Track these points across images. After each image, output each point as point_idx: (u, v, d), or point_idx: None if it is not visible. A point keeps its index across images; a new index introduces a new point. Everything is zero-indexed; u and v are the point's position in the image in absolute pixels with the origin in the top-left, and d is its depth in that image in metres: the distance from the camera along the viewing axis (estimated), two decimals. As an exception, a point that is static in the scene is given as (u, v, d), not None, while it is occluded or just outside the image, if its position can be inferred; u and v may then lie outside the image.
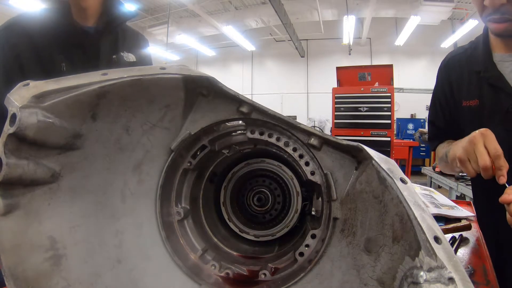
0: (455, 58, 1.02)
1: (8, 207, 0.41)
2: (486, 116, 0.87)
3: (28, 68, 0.89)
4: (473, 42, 1.00)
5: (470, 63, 0.95)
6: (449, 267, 0.31)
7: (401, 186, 0.40)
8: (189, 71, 0.50)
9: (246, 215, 0.80)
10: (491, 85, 0.87)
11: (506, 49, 0.87)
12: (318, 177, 0.54)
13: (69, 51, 0.93)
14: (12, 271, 0.41)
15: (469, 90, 0.93)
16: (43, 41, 0.90)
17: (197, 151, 0.62)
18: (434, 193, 1.70)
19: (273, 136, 0.57)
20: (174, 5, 8.29)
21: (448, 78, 1.01)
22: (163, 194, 0.60)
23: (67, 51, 0.93)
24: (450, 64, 1.03)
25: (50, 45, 0.90)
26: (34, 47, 0.89)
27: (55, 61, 0.91)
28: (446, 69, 1.04)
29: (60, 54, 0.91)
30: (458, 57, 1.02)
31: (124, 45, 1.04)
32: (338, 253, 0.49)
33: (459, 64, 0.99)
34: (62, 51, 0.92)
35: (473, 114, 0.91)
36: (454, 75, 0.99)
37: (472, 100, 0.92)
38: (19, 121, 0.38)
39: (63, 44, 0.92)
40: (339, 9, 8.00)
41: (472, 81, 0.93)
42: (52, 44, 0.90)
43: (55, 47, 0.91)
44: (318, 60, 11.21)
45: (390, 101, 5.33)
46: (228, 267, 0.61)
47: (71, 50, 0.93)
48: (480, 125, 0.74)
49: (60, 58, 0.91)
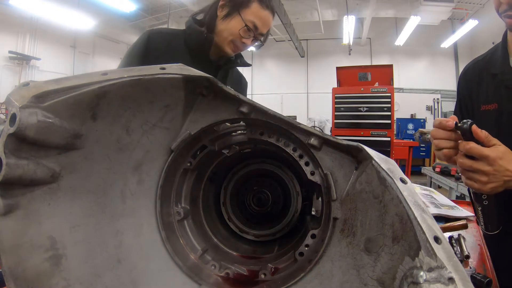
0: (474, 66, 1.03)
1: (8, 207, 0.41)
2: (505, 119, 0.88)
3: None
4: (492, 48, 1.01)
5: (488, 68, 0.96)
6: (449, 267, 0.31)
7: (401, 186, 0.40)
8: (189, 71, 0.50)
9: (246, 215, 0.80)
10: (509, 88, 0.88)
11: None
12: (318, 177, 0.54)
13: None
14: (12, 271, 0.41)
15: (488, 95, 0.94)
16: (180, 57, 1.12)
17: (197, 151, 0.62)
18: (434, 193, 1.70)
19: (273, 136, 0.57)
20: (174, 5, 8.30)
21: (468, 85, 1.03)
22: (163, 194, 0.60)
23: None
24: (469, 72, 1.04)
25: (183, 62, 1.00)
26: (171, 58, 1.10)
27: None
28: (465, 77, 1.05)
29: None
30: (477, 64, 1.03)
31: (230, 81, 1.30)
32: (338, 253, 0.49)
33: (479, 70, 1.00)
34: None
35: (492, 118, 0.91)
36: (473, 81, 1.00)
37: (491, 104, 0.92)
38: (19, 121, 0.38)
39: (193, 66, 1.05)
40: (339, 9, 8.01)
41: (490, 85, 0.94)
42: (184, 63, 1.03)
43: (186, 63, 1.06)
44: (318, 60, 11.21)
45: (390, 101, 5.33)
46: (228, 267, 0.61)
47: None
48: (499, 129, 0.75)
49: None
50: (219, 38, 1.13)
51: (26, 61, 8.06)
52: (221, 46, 1.14)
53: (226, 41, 1.12)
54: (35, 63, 8.34)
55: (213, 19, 1.14)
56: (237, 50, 1.17)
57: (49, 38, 8.51)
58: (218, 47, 1.16)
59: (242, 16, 1.09)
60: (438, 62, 9.99)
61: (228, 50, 1.15)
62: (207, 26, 1.14)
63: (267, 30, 1.16)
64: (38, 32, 8.22)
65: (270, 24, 1.16)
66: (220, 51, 1.17)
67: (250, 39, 1.13)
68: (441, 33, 8.99)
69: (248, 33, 1.11)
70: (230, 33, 1.11)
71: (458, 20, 8.17)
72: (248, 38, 1.12)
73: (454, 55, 9.87)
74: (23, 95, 0.39)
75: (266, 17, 1.12)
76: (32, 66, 8.28)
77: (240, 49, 1.17)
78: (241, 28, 1.09)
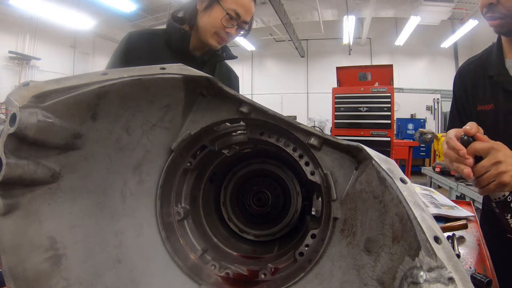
0: (470, 65, 1.05)
1: (8, 207, 0.41)
2: (502, 120, 0.89)
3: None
4: (487, 49, 1.03)
5: (484, 69, 0.97)
6: (449, 267, 0.31)
7: (401, 186, 0.40)
8: (189, 71, 0.50)
9: (246, 215, 0.80)
10: (505, 90, 0.89)
11: None
12: (318, 177, 0.53)
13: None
14: (12, 271, 0.41)
15: (484, 95, 0.95)
16: (161, 55, 1.12)
17: (197, 151, 0.62)
18: (434, 193, 1.70)
19: (273, 136, 0.57)
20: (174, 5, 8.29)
21: (464, 85, 1.04)
22: (163, 194, 0.60)
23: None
24: (465, 71, 1.06)
25: (165, 60, 0.98)
26: (152, 57, 1.10)
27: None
28: (461, 76, 1.06)
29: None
30: (472, 64, 1.04)
31: (219, 76, 1.23)
32: (338, 253, 0.49)
33: (474, 70, 1.01)
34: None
35: (488, 118, 0.93)
36: (469, 81, 1.02)
37: (488, 105, 0.93)
38: (19, 121, 0.38)
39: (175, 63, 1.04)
40: (339, 9, 8.01)
41: (486, 86, 0.95)
42: (166, 60, 1.01)
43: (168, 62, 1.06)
44: (318, 60, 11.21)
45: (390, 101, 5.33)
46: (228, 267, 0.61)
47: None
48: (496, 129, 0.77)
49: None
50: (202, 32, 1.11)
51: (26, 61, 8.06)
52: (205, 39, 1.12)
53: (210, 33, 1.10)
54: (35, 63, 8.34)
55: (194, 14, 1.12)
56: (222, 41, 1.14)
57: (49, 38, 8.51)
58: (202, 42, 1.13)
59: (223, 5, 1.07)
60: (438, 62, 9.98)
61: (212, 42, 1.12)
62: (188, 22, 1.13)
63: (250, 17, 1.13)
64: (38, 32, 8.22)
65: (252, 11, 1.13)
66: (205, 45, 1.15)
67: (233, 28, 1.11)
68: (441, 33, 8.99)
69: (231, 21, 1.09)
70: (213, 25, 1.09)
71: (458, 20, 8.16)
72: (231, 27, 1.10)
73: (454, 55, 9.86)
74: (23, 95, 0.39)
75: (247, 4, 1.10)
76: (32, 66, 8.28)
77: (225, 39, 1.14)
78: (223, 18, 1.07)
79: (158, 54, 1.12)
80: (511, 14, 0.80)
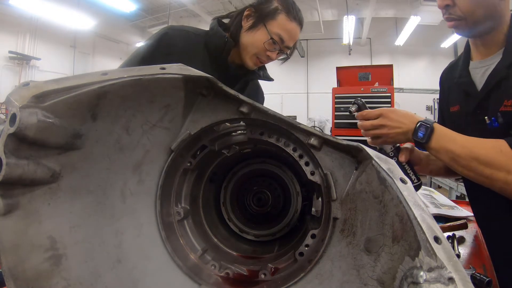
0: (450, 68, 1.08)
1: (8, 207, 0.41)
2: (464, 121, 0.93)
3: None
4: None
5: (453, 71, 1.03)
6: (449, 267, 0.30)
7: (401, 186, 0.40)
8: (189, 71, 0.50)
9: (246, 215, 0.80)
10: (466, 92, 0.94)
11: (479, 56, 0.93)
12: (318, 177, 0.53)
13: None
14: (12, 271, 0.41)
15: (454, 97, 1.00)
16: (197, 56, 1.08)
17: (197, 151, 0.62)
18: (434, 193, 1.70)
19: (273, 136, 0.57)
20: (174, 5, 8.29)
21: (443, 87, 1.09)
22: (163, 194, 0.60)
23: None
24: (444, 74, 1.11)
25: (199, 63, 0.95)
26: (187, 55, 1.05)
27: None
28: (441, 79, 1.11)
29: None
30: (451, 66, 1.08)
31: (247, 93, 1.25)
32: (338, 253, 0.49)
33: (451, 72, 1.05)
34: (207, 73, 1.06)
35: (456, 118, 0.97)
36: (446, 83, 1.07)
37: (455, 106, 0.98)
38: (19, 121, 0.38)
39: (210, 69, 1.01)
40: (339, 9, 8.01)
41: (454, 88, 1.00)
42: (200, 63, 1.01)
43: (201, 67, 1.03)
44: (318, 60, 11.20)
45: (390, 101, 5.34)
46: (228, 267, 0.61)
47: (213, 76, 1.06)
48: (460, 129, 0.82)
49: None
50: (242, 50, 1.08)
51: (26, 61, 8.06)
52: (243, 57, 1.10)
53: (250, 54, 1.08)
54: (35, 63, 8.33)
55: (238, 30, 1.09)
56: (259, 64, 1.12)
57: (49, 38, 8.51)
58: (239, 57, 1.11)
59: (268, 28, 1.03)
60: (438, 62, 9.97)
61: (250, 63, 1.10)
62: (232, 35, 1.09)
63: (293, 43, 1.10)
64: (38, 32, 8.22)
65: (297, 37, 1.10)
66: (240, 61, 1.12)
67: (275, 52, 1.08)
68: (441, 33, 8.98)
69: (274, 46, 1.05)
70: (255, 46, 1.06)
71: (458, 20, 8.15)
72: (273, 51, 1.07)
73: (454, 55, 9.85)
74: (23, 95, 0.39)
75: (293, 30, 1.06)
76: (32, 66, 8.28)
77: (264, 62, 1.12)
78: (266, 41, 1.04)
79: (194, 54, 1.08)
80: (466, 16, 0.82)
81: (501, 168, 0.72)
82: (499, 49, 0.85)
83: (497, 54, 0.85)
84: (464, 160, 0.76)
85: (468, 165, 0.76)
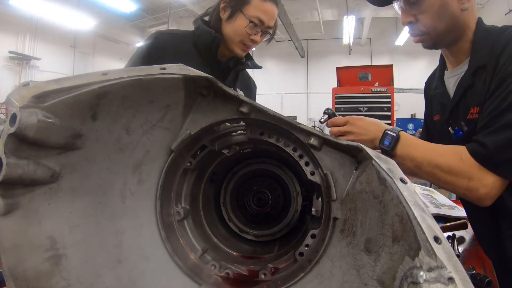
0: (431, 77, 1.10)
1: (8, 207, 0.41)
2: (442, 129, 0.95)
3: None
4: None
5: (433, 82, 1.05)
6: (449, 267, 0.30)
7: (401, 186, 0.40)
8: (189, 71, 0.50)
9: (246, 215, 0.81)
10: (441, 102, 0.96)
11: (450, 66, 0.95)
12: (318, 177, 0.53)
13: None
14: (12, 271, 0.41)
15: (435, 106, 1.02)
16: (188, 56, 1.10)
17: (197, 151, 0.62)
18: (434, 193, 1.70)
19: (273, 136, 0.57)
20: (174, 5, 8.30)
21: (426, 96, 1.12)
22: (163, 194, 0.60)
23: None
24: (427, 84, 1.13)
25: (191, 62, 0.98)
26: (178, 57, 1.09)
27: None
28: (425, 89, 1.14)
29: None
30: (432, 76, 1.10)
31: (240, 83, 1.29)
32: (338, 253, 0.49)
33: (430, 82, 1.08)
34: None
35: (439, 127, 0.99)
36: (428, 93, 1.08)
37: (436, 115, 1.01)
38: (19, 121, 0.38)
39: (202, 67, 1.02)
40: (339, 9, 8.02)
41: (433, 98, 1.03)
42: (192, 62, 1.00)
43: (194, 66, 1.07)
44: (318, 60, 11.21)
45: (390, 101, 5.34)
46: (228, 267, 0.61)
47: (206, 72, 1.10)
48: (442, 138, 0.85)
49: None
50: (227, 41, 1.12)
51: (26, 61, 8.07)
52: (230, 48, 1.13)
53: (235, 42, 1.11)
54: (35, 63, 8.34)
55: (218, 23, 1.13)
56: (247, 49, 1.15)
57: (49, 38, 8.51)
58: (227, 49, 1.14)
59: (245, 14, 1.07)
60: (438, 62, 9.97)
61: (238, 51, 1.13)
62: (214, 29, 1.13)
63: (273, 22, 1.13)
64: (38, 32, 8.23)
65: (276, 15, 1.13)
66: (229, 52, 1.16)
67: (258, 34, 1.11)
68: (441, 33, 8.98)
69: (255, 29, 1.09)
70: (238, 34, 1.09)
71: (458, 20, 8.15)
72: (256, 34, 1.10)
73: (454, 55, 9.84)
74: (23, 95, 0.39)
75: (270, 9, 1.10)
76: (32, 66, 8.29)
77: (250, 47, 1.15)
78: (247, 26, 1.07)
79: (185, 54, 1.11)
80: (429, 31, 0.85)
81: (463, 176, 0.73)
82: (467, 57, 0.86)
83: (465, 62, 0.87)
84: (427, 167, 0.77)
85: (431, 172, 0.77)
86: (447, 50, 0.92)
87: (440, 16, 0.82)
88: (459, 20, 0.83)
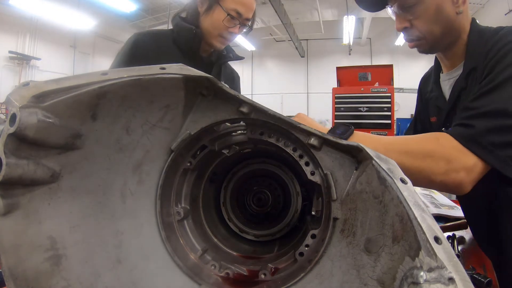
0: (426, 79, 1.09)
1: (8, 207, 0.41)
2: (438, 130, 0.94)
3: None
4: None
5: (428, 84, 1.04)
6: (449, 267, 0.30)
7: (401, 186, 0.40)
8: (189, 71, 0.50)
9: (246, 215, 0.81)
10: (437, 105, 0.96)
11: (446, 69, 0.94)
12: (318, 177, 0.53)
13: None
14: (12, 271, 0.41)
15: (431, 108, 1.01)
16: (169, 55, 1.11)
17: (197, 151, 0.62)
18: (434, 193, 1.70)
19: (273, 136, 0.57)
20: (174, 5, 8.30)
21: (421, 97, 1.10)
22: (163, 194, 0.60)
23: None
24: (421, 84, 1.12)
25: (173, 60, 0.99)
26: (160, 56, 1.09)
27: None
28: (419, 90, 1.12)
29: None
30: (426, 78, 1.09)
31: (224, 76, 1.31)
32: (338, 253, 0.49)
33: (425, 84, 1.07)
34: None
35: (436, 129, 0.98)
36: (423, 95, 1.07)
37: (433, 117, 1.00)
38: (19, 121, 0.38)
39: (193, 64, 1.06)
40: (339, 9, 8.01)
41: (429, 100, 1.02)
42: (175, 59, 1.04)
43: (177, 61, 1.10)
44: (318, 60, 11.22)
45: (390, 101, 5.34)
46: (228, 267, 0.61)
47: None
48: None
49: None
50: (205, 34, 1.11)
51: (26, 61, 8.07)
52: (209, 41, 1.12)
53: (213, 35, 1.10)
54: (35, 63, 8.34)
55: (196, 17, 1.12)
56: (226, 42, 1.15)
57: (49, 38, 8.51)
58: (207, 44, 1.14)
59: (223, 6, 1.06)
60: (438, 62, 9.97)
61: (217, 44, 1.13)
62: (192, 24, 1.12)
63: (251, 13, 1.12)
64: (38, 32, 8.23)
65: (253, 6, 1.12)
66: (209, 47, 1.15)
67: (236, 27, 1.10)
68: (441, 33, 8.99)
69: (233, 21, 1.08)
70: (216, 27, 1.09)
71: (458, 20, 8.15)
72: (234, 26, 1.10)
73: (454, 55, 9.84)
74: (23, 95, 0.39)
75: (247, 1, 1.09)
76: (32, 66, 8.29)
77: (229, 40, 1.14)
78: (225, 18, 1.07)
79: (166, 53, 1.11)
80: (425, 36, 0.84)
81: (440, 158, 0.65)
82: (462, 60, 0.86)
83: (460, 65, 0.86)
84: (392, 155, 0.73)
85: (399, 162, 0.73)
86: (442, 54, 0.92)
87: (436, 21, 0.81)
88: (455, 23, 0.83)
